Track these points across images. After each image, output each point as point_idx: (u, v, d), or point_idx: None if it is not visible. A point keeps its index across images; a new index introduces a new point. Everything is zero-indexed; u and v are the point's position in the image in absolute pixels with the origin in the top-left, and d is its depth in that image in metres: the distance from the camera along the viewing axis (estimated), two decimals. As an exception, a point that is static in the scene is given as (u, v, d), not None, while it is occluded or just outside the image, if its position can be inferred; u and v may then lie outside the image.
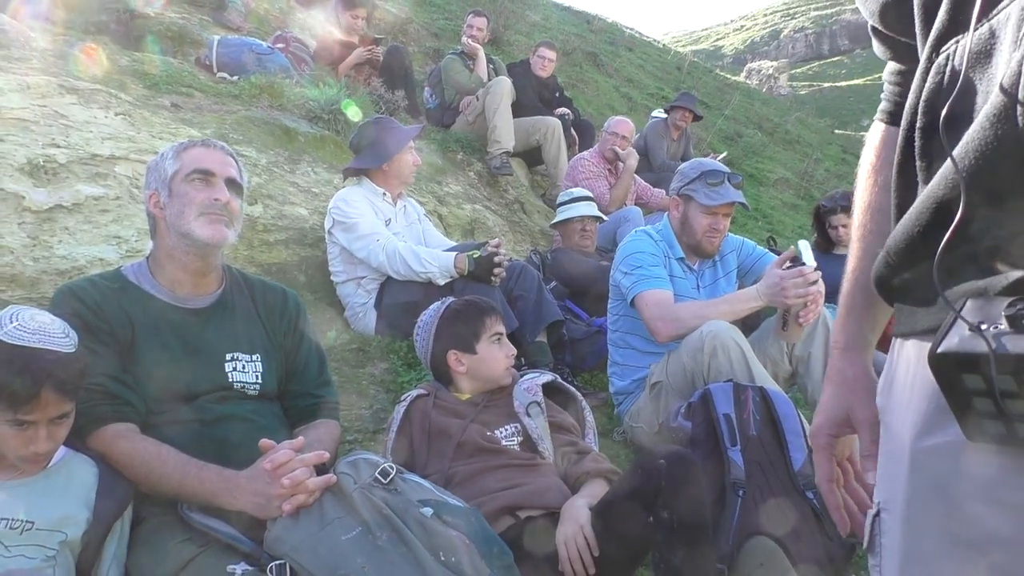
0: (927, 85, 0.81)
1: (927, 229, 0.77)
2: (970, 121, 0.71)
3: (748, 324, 3.11)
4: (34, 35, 3.95)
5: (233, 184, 2.01)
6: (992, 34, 0.72)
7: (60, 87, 3.47)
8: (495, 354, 2.39)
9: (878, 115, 1.11)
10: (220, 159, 2.01)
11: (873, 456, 1.00)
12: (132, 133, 3.49)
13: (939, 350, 0.72)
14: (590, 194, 5.21)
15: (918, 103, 0.82)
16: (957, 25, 0.78)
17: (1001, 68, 0.70)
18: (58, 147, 3.07)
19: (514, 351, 2.47)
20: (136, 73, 4.28)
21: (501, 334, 2.44)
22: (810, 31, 53.30)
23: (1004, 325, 0.67)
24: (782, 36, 54.13)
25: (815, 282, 2.63)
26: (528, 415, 2.28)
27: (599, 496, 2.04)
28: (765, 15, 60.06)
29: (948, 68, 0.78)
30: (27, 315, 1.60)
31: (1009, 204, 0.69)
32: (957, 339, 0.71)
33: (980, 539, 0.75)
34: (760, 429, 2.32)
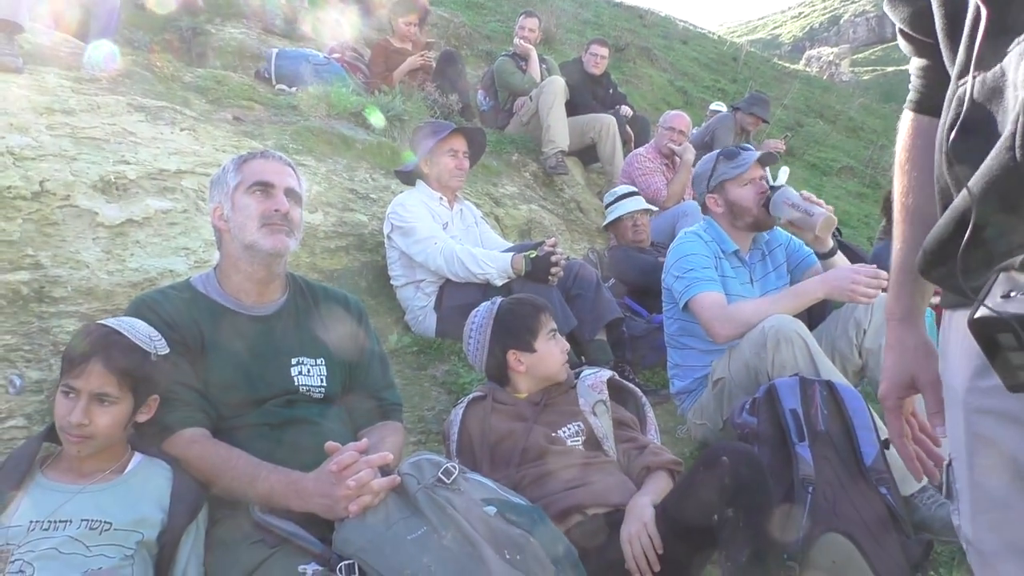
0: (949, 114, 0.91)
1: (951, 237, 0.89)
2: (981, 148, 0.83)
3: (814, 316, 3.05)
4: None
5: (292, 193, 2.06)
6: (1003, 73, 0.83)
7: (128, 105, 3.61)
8: (553, 350, 2.38)
9: (907, 104, 1.23)
10: (279, 170, 2.06)
11: (939, 413, 1.14)
12: (197, 147, 3.60)
13: (976, 315, 0.84)
14: (634, 188, 5.16)
15: (946, 129, 0.92)
16: (971, 61, 0.88)
17: (1010, 103, 0.81)
18: (128, 164, 3.18)
19: (567, 346, 2.46)
20: (199, 89, 4.42)
21: (555, 329, 2.44)
22: (871, 15, 51.62)
23: None
24: (842, 21, 52.61)
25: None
26: (594, 413, 2.27)
27: (662, 491, 2.02)
28: (824, 1, 58.49)
29: (966, 99, 0.88)
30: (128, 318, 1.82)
31: (1014, 219, 0.82)
32: (991, 305, 0.83)
33: None
34: (829, 424, 2.26)
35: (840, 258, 2.98)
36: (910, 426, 1.30)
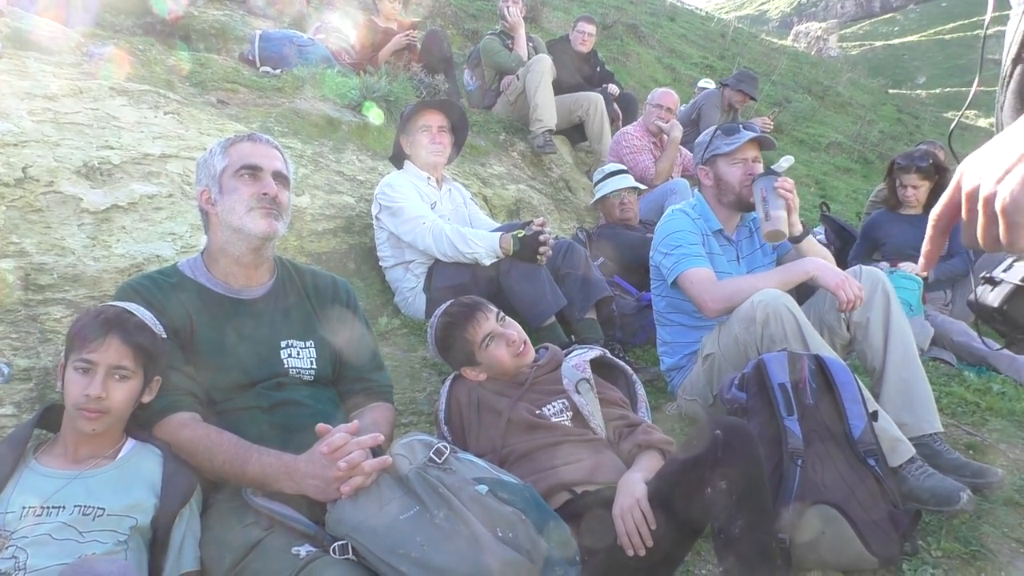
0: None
1: None
2: None
3: (802, 291, 3.06)
4: (84, 40, 4.05)
5: (280, 176, 2.05)
6: None
7: (111, 90, 3.57)
8: (496, 354, 2.34)
9: None
10: (266, 153, 2.05)
11: None
12: (181, 131, 3.56)
13: None
14: (623, 167, 5.14)
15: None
16: None
17: None
18: (111, 148, 3.15)
19: (518, 331, 2.41)
20: (182, 72, 4.37)
21: (491, 331, 2.37)
22: (859, -12, 51.43)
23: None
24: (830, -5, 52.43)
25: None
26: (578, 392, 2.28)
27: (654, 469, 2.03)
28: (811, -25, 58.10)
29: None
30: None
31: None
32: None
33: None
34: (817, 397, 2.28)
35: (809, 242, 2.98)
36: None
